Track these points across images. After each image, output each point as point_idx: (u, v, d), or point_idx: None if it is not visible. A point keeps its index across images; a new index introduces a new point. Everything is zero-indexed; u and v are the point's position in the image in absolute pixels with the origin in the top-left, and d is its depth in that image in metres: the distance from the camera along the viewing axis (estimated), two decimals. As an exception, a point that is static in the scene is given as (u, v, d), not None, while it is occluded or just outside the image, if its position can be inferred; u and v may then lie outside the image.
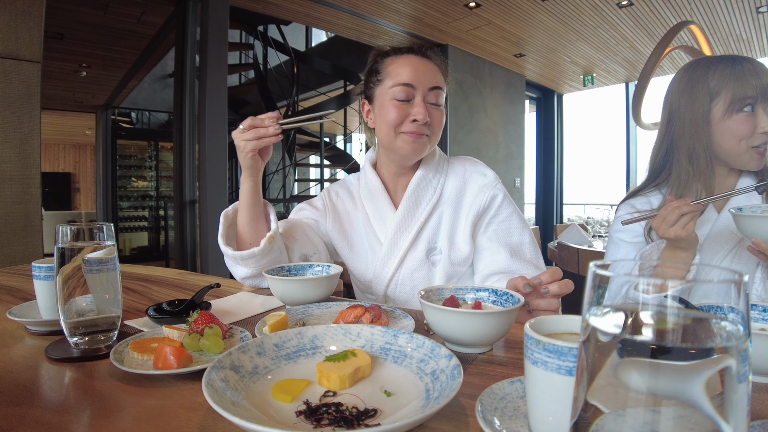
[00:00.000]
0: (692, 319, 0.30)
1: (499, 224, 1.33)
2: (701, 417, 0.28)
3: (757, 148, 1.22)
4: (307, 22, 5.57)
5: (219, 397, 0.53)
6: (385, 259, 1.36)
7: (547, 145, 8.80)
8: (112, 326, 0.84)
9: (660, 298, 0.29)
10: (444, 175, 1.39)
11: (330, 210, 1.47)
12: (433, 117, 1.28)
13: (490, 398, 0.57)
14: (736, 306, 0.29)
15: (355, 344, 0.74)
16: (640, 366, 0.29)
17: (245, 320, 1.02)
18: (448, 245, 1.33)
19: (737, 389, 0.28)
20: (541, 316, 0.57)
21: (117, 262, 0.84)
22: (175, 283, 1.42)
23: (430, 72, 1.28)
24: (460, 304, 0.89)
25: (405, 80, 1.26)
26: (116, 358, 0.72)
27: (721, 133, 1.25)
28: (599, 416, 0.30)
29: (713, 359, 0.27)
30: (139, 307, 1.13)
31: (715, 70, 1.25)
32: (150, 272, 1.60)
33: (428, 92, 1.27)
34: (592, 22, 5.44)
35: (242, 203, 1.27)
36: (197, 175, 4.22)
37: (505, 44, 6.25)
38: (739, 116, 1.22)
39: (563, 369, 0.47)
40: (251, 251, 1.23)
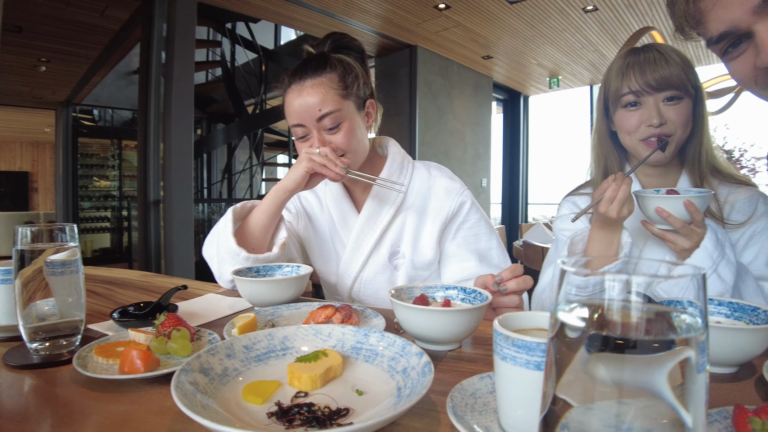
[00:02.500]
0: (655, 313, 0.31)
1: (467, 230, 1.34)
2: (664, 407, 0.29)
3: (646, 141, 1.19)
4: (277, 20, 5.52)
5: (189, 400, 0.52)
6: (348, 262, 1.36)
7: (513, 146, 8.96)
8: (75, 331, 0.81)
9: (624, 294, 0.30)
10: (408, 177, 1.38)
11: (301, 213, 1.46)
12: (334, 142, 1.23)
13: (460, 394, 0.58)
14: (695, 300, 0.31)
15: (327, 344, 0.74)
16: (606, 359, 0.30)
17: (213, 322, 1.01)
18: (411, 249, 1.33)
19: (696, 379, 0.29)
20: (509, 313, 0.58)
21: (80, 264, 0.82)
22: (140, 286, 1.39)
23: (311, 100, 1.20)
24: (429, 302, 0.90)
25: (294, 121, 1.23)
26: (80, 364, 0.69)
27: (617, 128, 1.26)
28: (568, 410, 0.31)
29: (674, 351, 0.29)
30: (102, 310, 1.10)
31: (614, 65, 1.24)
32: (113, 274, 1.56)
33: (318, 122, 1.21)
34: (559, 25, 5.56)
35: (265, 209, 1.27)
36: (162, 174, 4.13)
37: (473, 46, 6.33)
38: (622, 111, 1.22)
39: (531, 364, 0.48)
40: (266, 256, 1.24)
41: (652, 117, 1.16)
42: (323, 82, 1.21)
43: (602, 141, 1.32)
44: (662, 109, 1.17)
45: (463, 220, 1.34)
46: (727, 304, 0.82)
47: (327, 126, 1.22)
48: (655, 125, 1.16)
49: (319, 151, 1.19)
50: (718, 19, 0.73)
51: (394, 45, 6.07)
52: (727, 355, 0.70)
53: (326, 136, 1.22)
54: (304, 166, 1.20)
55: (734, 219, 1.18)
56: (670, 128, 1.17)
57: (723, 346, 0.69)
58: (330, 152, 1.19)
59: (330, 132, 1.22)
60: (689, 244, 1.08)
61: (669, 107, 1.17)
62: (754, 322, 0.77)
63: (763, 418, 0.49)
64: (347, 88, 1.23)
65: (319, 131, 1.22)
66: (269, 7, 4.86)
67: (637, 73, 1.17)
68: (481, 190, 7.61)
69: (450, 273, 1.32)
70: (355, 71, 1.27)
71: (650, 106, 1.17)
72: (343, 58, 1.27)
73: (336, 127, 1.22)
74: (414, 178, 1.39)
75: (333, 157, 1.19)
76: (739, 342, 0.69)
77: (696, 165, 1.23)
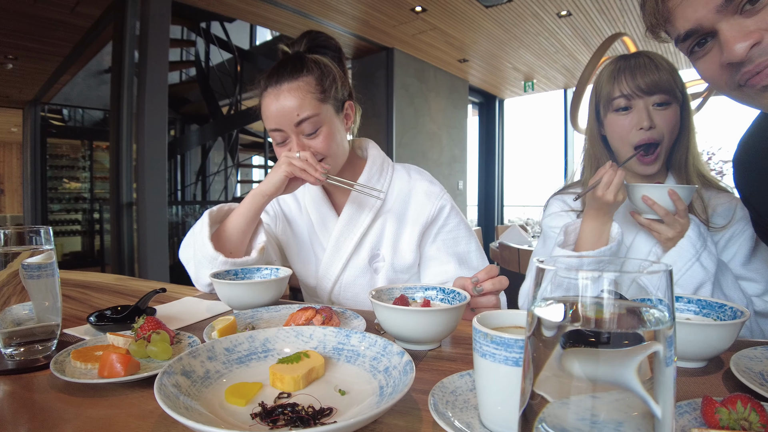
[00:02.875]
0: (626, 309, 0.33)
1: (447, 234, 1.35)
2: (635, 399, 0.31)
3: (639, 148, 1.22)
4: (252, 20, 5.48)
5: (172, 402, 0.52)
6: (327, 265, 1.35)
7: (489, 148, 9.07)
8: (51, 335, 0.80)
9: (597, 291, 0.32)
10: (388, 180, 1.38)
11: (279, 216, 1.45)
12: (313, 147, 1.22)
13: (441, 392, 0.59)
14: (663, 296, 0.33)
15: (308, 346, 0.75)
16: (579, 354, 0.31)
17: (192, 326, 1.00)
18: (391, 252, 1.33)
19: (664, 372, 0.31)
20: (488, 311, 0.59)
21: (56, 268, 0.81)
22: (116, 289, 1.37)
23: (288, 105, 1.18)
24: (409, 302, 0.91)
25: (272, 126, 1.22)
26: (57, 369, 0.68)
27: (607, 132, 1.30)
28: (545, 405, 0.33)
29: (643, 345, 0.31)
30: (78, 314, 1.08)
31: (604, 70, 1.27)
32: (87, 278, 1.53)
33: (297, 127, 1.20)
34: (534, 30, 5.66)
35: (245, 214, 1.25)
36: (135, 176, 4.06)
37: (449, 49, 6.39)
38: (612, 115, 1.25)
39: (510, 360, 0.50)
40: (244, 260, 1.23)
41: (643, 120, 1.20)
42: (300, 86, 1.19)
43: (594, 144, 1.35)
44: (652, 113, 1.21)
45: (443, 224, 1.35)
46: (696, 301, 0.86)
47: (306, 131, 1.21)
48: (645, 128, 1.20)
49: (299, 155, 1.19)
50: (684, 18, 0.77)
51: (370, 47, 6.08)
52: (697, 350, 0.73)
53: (305, 141, 1.21)
54: (283, 170, 1.19)
55: (716, 222, 1.24)
56: (658, 133, 1.21)
57: (693, 341, 0.72)
58: (310, 156, 1.19)
59: (309, 137, 1.21)
60: (672, 233, 1.14)
61: (658, 112, 1.21)
62: (721, 319, 0.80)
63: (729, 408, 0.52)
64: (325, 91, 1.22)
65: (297, 136, 1.21)
66: (244, 7, 4.83)
67: (629, 77, 1.20)
68: (458, 192, 7.68)
69: (430, 276, 1.34)
70: (333, 73, 1.25)
71: (640, 109, 1.21)
72: (320, 59, 1.25)
73: (315, 132, 1.21)
74: (394, 181, 1.39)
75: (313, 161, 1.18)
76: (707, 337, 0.72)
77: (683, 170, 1.28)
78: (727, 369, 0.73)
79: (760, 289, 1.18)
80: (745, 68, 0.73)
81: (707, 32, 0.76)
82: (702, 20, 0.75)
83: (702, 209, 1.25)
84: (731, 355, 0.72)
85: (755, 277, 1.19)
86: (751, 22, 0.71)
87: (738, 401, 0.52)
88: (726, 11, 0.72)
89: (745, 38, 0.71)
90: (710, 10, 0.73)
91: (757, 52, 0.71)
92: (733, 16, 0.72)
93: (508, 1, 4.85)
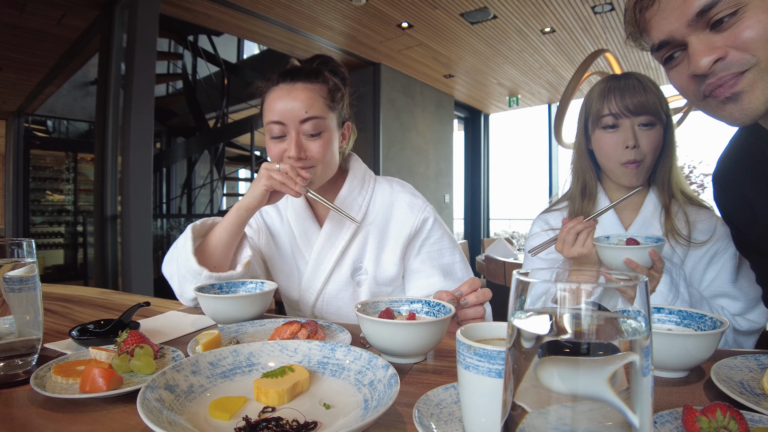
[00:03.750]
0: (604, 319, 0.34)
1: (431, 246, 1.35)
2: (611, 410, 0.31)
3: (627, 164, 1.26)
4: (240, 34, 5.50)
5: (155, 417, 0.52)
6: (310, 279, 1.34)
7: (475, 162, 9.15)
8: (32, 350, 0.79)
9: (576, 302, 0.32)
10: (370, 193, 1.38)
11: (262, 228, 1.44)
12: (311, 149, 1.22)
13: (426, 405, 0.59)
14: (640, 308, 0.33)
15: (293, 360, 0.75)
16: (558, 364, 0.32)
17: (176, 340, 0.99)
18: (374, 265, 1.33)
19: (641, 382, 0.32)
20: (471, 324, 0.60)
21: (38, 281, 0.80)
22: (99, 303, 1.35)
23: (299, 101, 1.20)
24: (395, 315, 0.92)
25: (274, 118, 1.22)
26: (38, 384, 0.67)
27: (595, 148, 1.34)
28: (525, 416, 0.33)
29: (619, 355, 0.31)
30: (59, 329, 1.07)
31: (595, 88, 1.32)
32: (70, 292, 1.51)
33: (300, 125, 1.21)
34: (518, 46, 5.75)
35: (226, 227, 1.24)
36: (120, 188, 4.02)
37: (435, 65, 6.46)
38: (600, 132, 1.29)
39: (493, 372, 0.50)
40: (229, 274, 1.21)
41: (629, 139, 1.25)
42: (314, 89, 1.23)
43: (581, 158, 1.39)
44: (637, 132, 1.25)
45: (427, 236, 1.35)
46: (677, 312, 0.87)
47: (308, 131, 1.22)
48: (630, 146, 1.25)
49: (279, 167, 1.18)
50: (658, 29, 0.82)
51: (357, 62, 6.13)
52: (678, 360, 0.74)
53: (304, 141, 1.22)
54: (263, 183, 1.19)
55: (697, 238, 1.27)
56: (642, 153, 1.26)
57: (674, 351, 0.73)
58: (290, 169, 1.18)
59: (309, 138, 1.22)
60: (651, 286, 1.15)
61: (643, 132, 1.26)
62: (702, 329, 0.82)
63: (709, 417, 0.53)
64: (334, 101, 1.26)
65: (298, 134, 1.21)
66: (232, 20, 4.85)
67: (618, 97, 1.25)
68: (444, 205, 7.72)
69: (415, 289, 1.33)
70: (342, 91, 1.31)
71: (627, 128, 1.26)
72: (332, 77, 1.30)
73: (317, 135, 1.23)
74: (376, 194, 1.39)
75: (293, 174, 1.18)
76: (687, 347, 0.73)
77: (665, 187, 1.32)
78: (708, 378, 0.74)
79: (742, 307, 1.20)
80: (709, 80, 0.78)
81: (679, 44, 0.81)
82: (674, 33, 0.80)
83: (684, 226, 1.28)
84: (712, 365, 0.73)
85: (738, 296, 1.21)
86: (718, 38, 0.76)
87: (717, 410, 0.53)
88: (697, 26, 0.77)
89: (711, 53, 0.76)
90: (682, 24, 0.78)
91: (720, 66, 0.76)
92: (703, 31, 0.77)
93: (493, 18, 4.93)
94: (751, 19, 0.73)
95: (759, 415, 0.57)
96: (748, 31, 0.73)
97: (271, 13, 4.74)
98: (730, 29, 0.75)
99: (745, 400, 0.62)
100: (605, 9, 4.73)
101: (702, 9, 0.75)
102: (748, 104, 0.77)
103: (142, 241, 3.80)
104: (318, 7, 4.63)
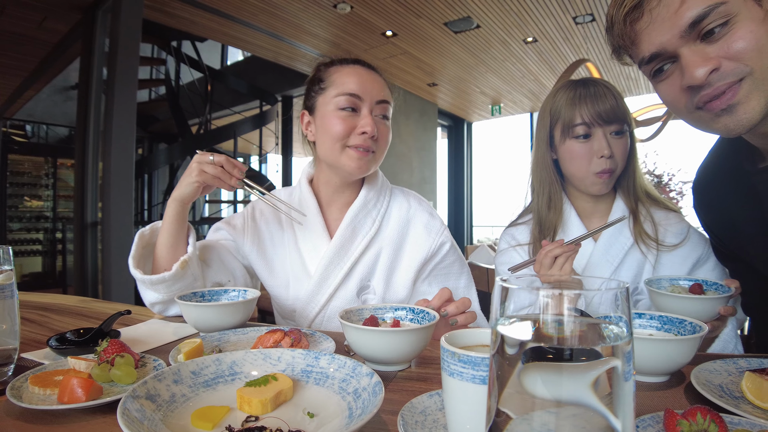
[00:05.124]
0: (586, 325, 0.34)
1: (440, 270, 1.31)
2: (594, 414, 0.31)
3: (601, 174, 1.23)
4: (224, 40, 5.49)
5: (136, 427, 0.51)
6: (313, 293, 1.25)
7: (458, 170, 9.22)
8: (8, 360, 0.77)
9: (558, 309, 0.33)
10: (385, 205, 1.32)
11: (249, 229, 1.34)
12: (381, 132, 1.22)
13: (410, 412, 0.59)
14: (621, 313, 0.34)
15: (276, 368, 0.74)
16: (540, 371, 0.32)
17: (157, 349, 0.97)
18: (384, 286, 1.26)
19: (623, 387, 0.32)
20: (455, 331, 0.60)
21: (15, 289, 0.78)
22: (78, 311, 1.32)
23: (377, 84, 1.23)
24: (379, 323, 0.91)
25: (351, 90, 1.19)
26: (14, 395, 0.65)
27: (562, 158, 1.30)
28: (509, 422, 0.33)
29: (602, 360, 0.32)
30: (37, 338, 1.04)
31: (561, 95, 1.28)
32: (48, 300, 1.48)
33: (376, 105, 1.20)
34: (501, 55, 5.83)
35: (165, 226, 1.18)
36: (100, 195, 3.96)
37: (419, 73, 6.51)
38: (572, 142, 1.25)
39: (477, 378, 0.50)
40: (161, 276, 1.15)
41: (603, 148, 1.22)
42: (384, 82, 1.28)
43: (545, 169, 1.36)
44: (611, 141, 1.23)
45: (440, 261, 1.30)
46: (657, 317, 0.88)
47: (379, 113, 1.23)
48: (606, 155, 1.22)
49: (212, 158, 1.13)
50: (649, 41, 0.82)
51: (342, 69, 6.13)
52: (659, 364, 0.75)
53: (377, 120, 1.22)
54: (194, 179, 1.14)
55: (669, 242, 1.27)
56: (615, 162, 1.24)
57: (655, 356, 0.74)
58: (225, 161, 1.14)
59: (380, 120, 1.23)
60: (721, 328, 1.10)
61: (615, 140, 1.24)
62: (682, 333, 0.83)
63: (690, 420, 0.54)
64: (393, 101, 1.30)
65: (371, 112, 1.21)
66: (217, 27, 4.84)
67: (590, 105, 1.22)
68: (428, 212, 7.75)
69: None
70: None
71: (600, 137, 1.23)
72: None
73: (386, 118, 1.25)
74: (392, 207, 1.33)
75: (228, 167, 1.14)
76: (668, 352, 0.74)
77: (630, 191, 1.32)
78: (688, 382, 0.75)
79: None
80: (704, 91, 0.79)
81: (670, 56, 0.82)
82: (666, 44, 0.80)
83: (653, 231, 1.28)
84: (692, 369, 0.75)
85: None
86: (711, 49, 0.77)
87: (698, 413, 0.54)
88: (689, 37, 0.78)
89: (705, 63, 0.76)
90: (674, 36, 0.79)
91: (715, 77, 0.77)
92: (695, 42, 0.78)
93: (476, 27, 4.99)
94: (742, 29, 0.75)
95: (738, 417, 0.58)
96: (740, 42, 0.75)
97: (256, 19, 4.74)
98: (721, 40, 0.76)
99: (724, 403, 0.63)
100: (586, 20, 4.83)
101: (694, 20, 0.76)
102: (743, 114, 0.78)
103: (123, 248, 3.74)
104: (302, 15, 4.65)
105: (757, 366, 0.78)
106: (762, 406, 0.64)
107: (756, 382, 0.67)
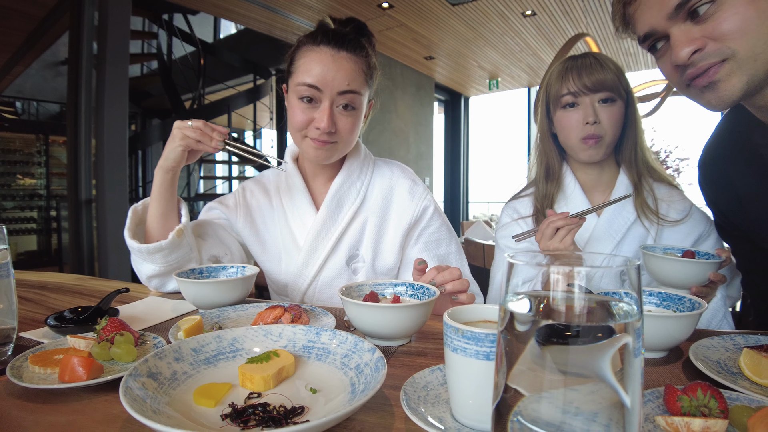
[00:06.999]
0: (595, 303, 0.34)
1: (429, 236, 1.32)
2: (606, 390, 0.31)
3: (586, 139, 1.27)
4: (217, 12, 5.38)
5: (139, 405, 0.51)
6: (303, 265, 1.28)
7: (455, 145, 9.17)
8: (7, 339, 0.76)
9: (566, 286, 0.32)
10: (369, 176, 1.34)
11: (241, 207, 1.37)
12: (342, 124, 1.18)
13: (413, 387, 0.59)
14: (630, 290, 0.34)
15: (277, 344, 0.74)
16: (554, 349, 0.32)
17: (156, 326, 0.97)
18: (372, 253, 1.28)
19: (633, 363, 0.32)
20: (458, 306, 0.60)
21: (11, 268, 0.77)
22: (75, 290, 1.31)
23: (343, 72, 1.15)
24: (380, 299, 0.91)
25: (310, 81, 1.15)
26: (14, 374, 0.65)
27: (557, 129, 1.35)
28: (521, 398, 0.33)
29: (616, 337, 0.31)
30: (35, 317, 1.04)
31: (553, 71, 1.34)
32: (44, 278, 1.47)
33: (338, 96, 1.16)
34: (499, 29, 5.74)
35: (155, 196, 1.18)
36: (94, 172, 3.92)
37: (416, 46, 6.41)
38: (561, 112, 1.31)
39: (481, 354, 0.50)
40: (158, 244, 1.14)
41: (588, 115, 1.26)
42: (358, 62, 1.18)
43: (544, 141, 1.41)
44: (597, 109, 1.26)
45: (426, 225, 1.32)
46: (656, 294, 0.89)
47: (342, 103, 1.17)
48: (590, 122, 1.25)
49: (191, 123, 1.14)
50: (642, 22, 0.86)
51: (337, 43, 6.04)
52: (658, 340, 0.76)
53: (336, 112, 1.17)
54: (178, 144, 1.14)
55: (672, 217, 1.28)
56: (602, 129, 1.27)
57: (654, 332, 0.75)
58: (203, 125, 1.14)
59: (342, 111, 1.18)
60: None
61: (603, 108, 1.27)
62: (681, 310, 0.84)
63: (690, 396, 0.54)
64: (371, 78, 1.23)
65: (332, 105, 1.16)
66: (209, -1, 4.73)
67: (575, 76, 1.27)
68: (425, 188, 7.74)
69: (409, 277, 1.29)
70: (378, 70, 1.26)
71: (586, 105, 1.27)
72: (372, 53, 1.24)
73: (350, 110, 1.18)
74: (375, 177, 1.35)
75: (208, 129, 1.14)
76: (667, 328, 0.75)
77: (633, 164, 1.33)
78: (687, 358, 0.76)
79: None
80: (689, 70, 0.82)
81: (662, 35, 0.85)
82: (656, 25, 0.84)
83: (654, 205, 1.29)
84: (690, 345, 0.75)
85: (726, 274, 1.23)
86: (697, 29, 0.79)
87: (698, 389, 0.54)
88: (677, 18, 0.81)
89: (690, 44, 0.79)
90: (663, 17, 0.82)
91: (698, 57, 0.80)
92: (684, 22, 0.81)
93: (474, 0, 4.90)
94: (729, 10, 0.76)
95: (737, 393, 0.59)
96: (725, 23, 0.77)
97: (249, -9, 4.63)
98: (709, 20, 0.78)
99: (722, 379, 0.64)
100: (585, -8, 4.74)
101: (681, 1, 0.79)
102: (723, 92, 0.81)
103: (118, 225, 3.71)
104: (297, -14, 4.54)
105: (754, 343, 0.79)
106: (760, 383, 0.65)
107: (754, 359, 0.68)
